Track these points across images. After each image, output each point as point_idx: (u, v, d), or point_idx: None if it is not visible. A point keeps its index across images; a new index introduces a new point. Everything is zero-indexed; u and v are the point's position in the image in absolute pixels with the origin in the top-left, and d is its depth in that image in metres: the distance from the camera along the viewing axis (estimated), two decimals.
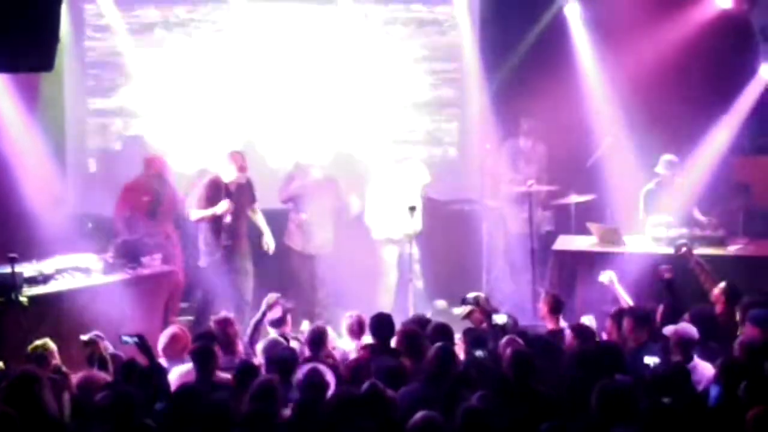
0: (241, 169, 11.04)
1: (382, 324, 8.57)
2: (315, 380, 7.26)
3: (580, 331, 8.51)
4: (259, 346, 8.68)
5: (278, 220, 11.93)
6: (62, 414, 7.09)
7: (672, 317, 8.79)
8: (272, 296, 9.31)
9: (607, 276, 9.88)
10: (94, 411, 6.81)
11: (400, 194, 11.76)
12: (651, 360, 7.73)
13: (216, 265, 11.07)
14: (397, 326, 8.69)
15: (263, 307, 9.23)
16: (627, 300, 9.56)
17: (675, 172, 11.78)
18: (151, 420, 6.70)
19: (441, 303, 12.09)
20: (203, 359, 7.85)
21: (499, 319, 9.05)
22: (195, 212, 11.07)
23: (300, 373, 7.45)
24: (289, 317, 9.25)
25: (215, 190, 10.97)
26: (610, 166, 12.89)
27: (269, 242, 11.41)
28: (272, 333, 9.05)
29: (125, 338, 8.13)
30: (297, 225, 11.79)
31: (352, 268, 11.80)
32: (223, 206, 10.83)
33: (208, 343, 8.10)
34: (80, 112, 13.11)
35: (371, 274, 12.00)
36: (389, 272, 11.84)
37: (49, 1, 8.28)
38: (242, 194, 11.15)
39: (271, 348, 8.32)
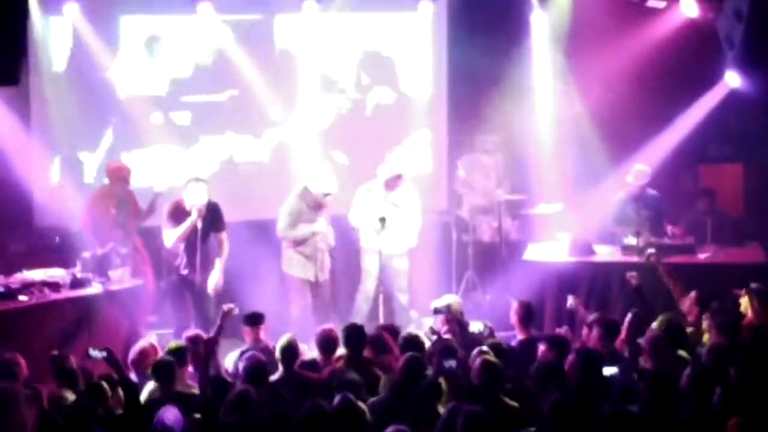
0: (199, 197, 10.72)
1: (354, 335, 8.54)
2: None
3: (555, 342, 8.46)
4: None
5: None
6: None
7: (640, 325, 8.80)
8: (227, 306, 9.26)
9: (571, 301, 9.87)
10: (61, 427, 6.77)
11: (387, 209, 11.65)
12: (609, 370, 7.76)
13: (173, 288, 10.99)
14: None
15: (218, 320, 9.15)
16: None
17: (646, 182, 11.82)
18: None
19: (413, 313, 12.05)
20: (160, 374, 7.84)
21: (475, 326, 9.06)
22: (167, 237, 10.77)
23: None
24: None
25: (178, 213, 10.74)
26: (577, 176, 12.95)
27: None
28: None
29: (93, 353, 8.05)
30: (308, 255, 11.42)
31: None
32: (192, 218, 10.60)
33: (166, 358, 8.07)
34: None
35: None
36: (366, 280, 11.76)
37: (14, 17, 8.23)
38: (205, 219, 10.79)
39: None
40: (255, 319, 9.10)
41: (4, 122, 11.69)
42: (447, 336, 8.87)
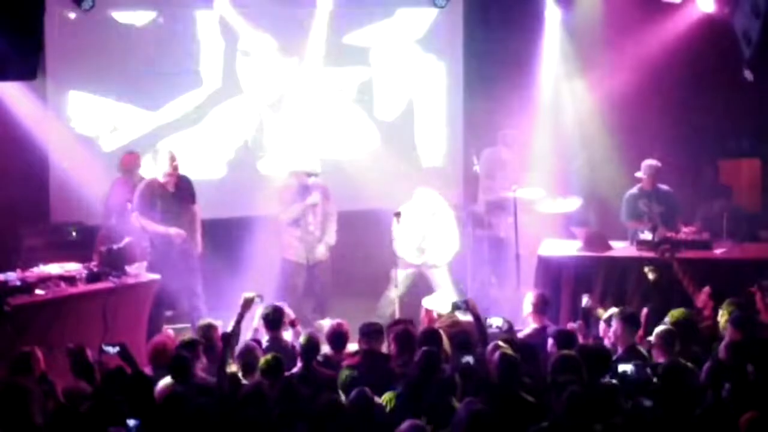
0: (174, 168, 10.97)
1: (372, 332, 8.51)
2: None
3: (562, 337, 8.44)
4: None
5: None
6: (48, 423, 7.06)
7: (657, 320, 8.79)
8: (248, 295, 9.29)
9: (586, 300, 9.88)
10: (78, 420, 6.80)
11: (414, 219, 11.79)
12: (626, 367, 7.75)
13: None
14: None
15: (241, 308, 9.19)
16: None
17: (656, 177, 11.79)
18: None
19: None
20: (177, 369, 7.84)
21: (495, 321, 9.06)
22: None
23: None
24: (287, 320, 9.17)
25: (151, 193, 10.95)
26: (593, 172, 12.95)
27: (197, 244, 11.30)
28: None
29: (107, 348, 8.10)
30: (298, 238, 11.69)
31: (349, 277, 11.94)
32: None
33: (181, 353, 8.08)
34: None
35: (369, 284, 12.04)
36: (392, 289, 11.78)
37: (32, 12, 8.26)
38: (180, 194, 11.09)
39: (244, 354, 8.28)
40: (274, 322, 9.06)
41: (22, 119, 11.77)
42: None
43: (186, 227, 11.08)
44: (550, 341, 8.36)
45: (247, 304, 9.13)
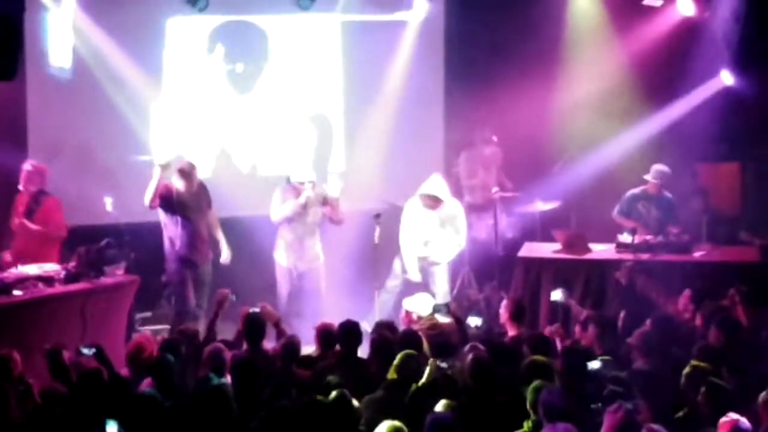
0: (189, 176, 11.01)
1: (349, 332, 8.51)
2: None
3: (537, 342, 8.40)
4: None
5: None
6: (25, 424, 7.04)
7: (634, 323, 8.80)
8: (222, 293, 9.25)
9: (557, 294, 9.89)
10: (54, 422, 6.77)
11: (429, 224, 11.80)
12: (593, 365, 7.75)
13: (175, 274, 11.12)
14: None
15: (215, 306, 9.17)
16: (582, 313, 9.47)
17: (663, 182, 11.76)
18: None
19: None
20: (158, 372, 7.78)
21: (474, 321, 9.06)
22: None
23: None
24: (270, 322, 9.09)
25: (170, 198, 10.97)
26: (574, 174, 12.97)
27: (225, 252, 11.39)
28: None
29: (83, 350, 8.08)
30: (288, 243, 11.55)
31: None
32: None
33: (164, 356, 8.04)
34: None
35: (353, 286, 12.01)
36: (392, 278, 11.84)
37: (12, 12, 8.22)
38: (198, 200, 11.14)
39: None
40: (254, 335, 8.83)
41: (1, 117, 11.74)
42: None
43: (204, 232, 11.16)
44: (525, 348, 8.31)
45: (221, 302, 9.14)
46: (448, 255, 11.93)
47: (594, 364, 7.75)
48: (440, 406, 6.96)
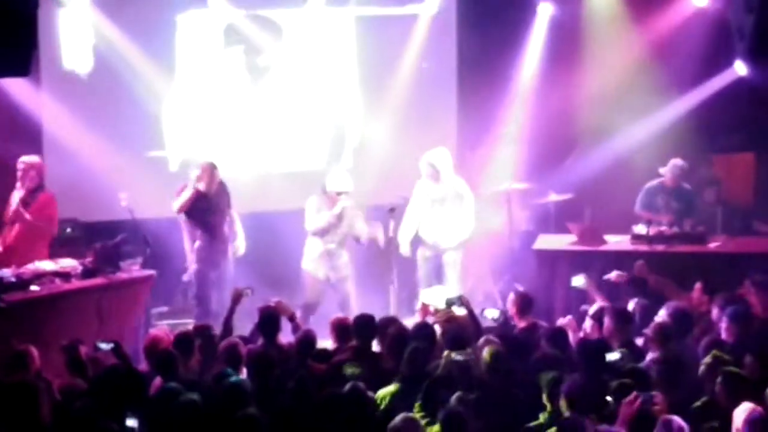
0: (210, 177, 11.02)
1: (364, 326, 8.54)
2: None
3: (554, 335, 8.39)
4: None
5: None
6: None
7: (648, 315, 8.80)
8: (239, 289, 9.26)
9: (579, 280, 9.89)
10: (74, 418, 6.80)
11: (428, 203, 11.76)
12: (612, 356, 7.76)
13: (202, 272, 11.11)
14: None
15: (231, 302, 9.19)
16: (602, 301, 9.48)
17: (680, 176, 11.74)
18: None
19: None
20: (163, 366, 7.81)
21: (491, 313, 9.06)
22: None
23: None
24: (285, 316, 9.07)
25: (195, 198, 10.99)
26: (588, 166, 12.98)
27: (240, 246, 11.45)
28: None
29: (101, 345, 8.10)
30: (320, 253, 11.37)
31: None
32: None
33: (170, 350, 8.07)
34: None
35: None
36: (421, 268, 11.84)
37: (25, 8, 8.23)
38: (219, 200, 11.15)
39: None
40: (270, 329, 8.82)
41: (17, 115, 11.77)
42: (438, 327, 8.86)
43: (225, 232, 11.18)
44: (544, 343, 8.29)
45: (237, 297, 9.16)
46: (455, 238, 11.78)
47: (613, 356, 7.75)
48: (455, 399, 6.98)
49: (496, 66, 13.30)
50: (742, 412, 6.41)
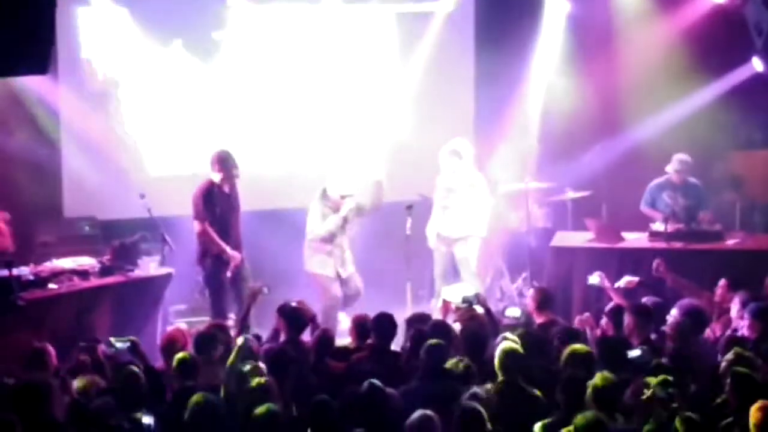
0: (232, 178, 10.95)
1: (382, 324, 8.54)
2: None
3: (567, 335, 8.37)
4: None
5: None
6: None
7: (660, 313, 8.78)
8: (256, 287, 9.25)
9: (595, 278, 9.87)
10: (92, 415, 6.82)
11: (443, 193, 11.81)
12: (633, 353, 7.74)
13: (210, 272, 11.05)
14: None
15: (247, 300, 9.18)
16: (618, 299, 9.45)
17: (685, 171, 11.69)
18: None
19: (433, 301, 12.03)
20: (182, 368, 7.74)
21: (513, 312, 9.04)
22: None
23: None
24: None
25: (211, 195, 10.91)
26: (605, 163, 12.96)
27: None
28: None
29: (118, 343, 8.09)
30: (329, 252, 11.31)
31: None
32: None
33: (191, 353, 8.02)
34: None
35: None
36: (437, 263, 11.90)
37: (44, 6, 8.25)
38: (234, 200, 11.09)
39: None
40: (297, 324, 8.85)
41: (36, 114, 11.82)
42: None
43: (239, 231, 11.08)
44: (557, 340, 8.26)
45: (254, 295, 9.16)
46: (463, 229, 11.76)
47: (634, 353, 7.74)
48: (469, 395, 6.97)
49: (512, 63, 13.27)
50: (757, 409, 6.39)
